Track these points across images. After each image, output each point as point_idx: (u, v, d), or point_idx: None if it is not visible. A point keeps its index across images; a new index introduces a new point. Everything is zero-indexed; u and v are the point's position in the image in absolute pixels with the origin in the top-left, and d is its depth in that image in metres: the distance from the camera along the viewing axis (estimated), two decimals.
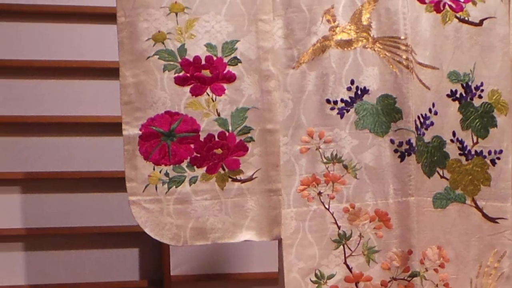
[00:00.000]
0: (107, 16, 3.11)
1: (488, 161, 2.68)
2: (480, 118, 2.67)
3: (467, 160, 2.67)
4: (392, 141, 2.58)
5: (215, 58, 2.47)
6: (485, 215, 2.67)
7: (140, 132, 2.42)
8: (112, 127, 3.14)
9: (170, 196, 2.45)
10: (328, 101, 2.54)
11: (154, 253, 3.47)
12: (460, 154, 2.67)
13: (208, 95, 2.47)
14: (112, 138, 3.18)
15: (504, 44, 2.71)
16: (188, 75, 2.45)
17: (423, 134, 2.62)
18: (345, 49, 2.56)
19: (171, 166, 2.45)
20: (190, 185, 2.46)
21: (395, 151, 2.58)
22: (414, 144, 2.58)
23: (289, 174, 2.54)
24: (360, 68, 2.57)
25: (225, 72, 2.48)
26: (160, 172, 2.44)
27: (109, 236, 3.43)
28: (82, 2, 3.43)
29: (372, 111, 2.58)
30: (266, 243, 2.68)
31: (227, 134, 2.48)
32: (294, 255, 2.53)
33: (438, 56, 2.64)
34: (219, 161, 2.48)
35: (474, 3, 2.67)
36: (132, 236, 3.37)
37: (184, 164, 2.46)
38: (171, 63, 2.44)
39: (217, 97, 2.47)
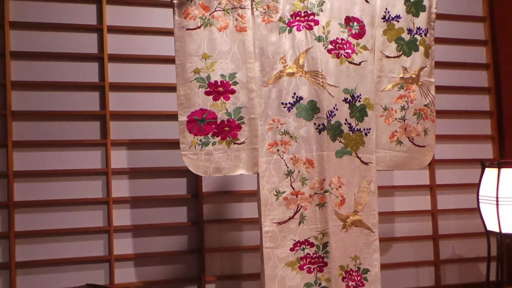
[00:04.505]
0: (170, 60, 3.10)
1: (363, 134, 2.75)
2: (359, 112, 2.74)
3: (353, 133, 2.73)
4: (315, 124, 2.65)
5: (225, 81, 2.55)
6: (362, 161, 2.75)
7: (187, 119, 2.52)
8: (173, 116, 3.03)
9: (202, 152, 2.53)
10: (282, 103, 2.63)
11: (194, 180, 3.39)
12: (349, 130, 2.73)
13: (222, 100, 2.56)
14: (174, 122, 3.07)
15: (371, 74, 2.76)
16: (211, 90, 2.53)
17: (330, 120, 2.68)
18: (291, 77, 2.63)
19: (203, 136, 2.53)
20: (212, 146, 2.55)
21: (316, 128, 2.65)
22: (326, 125, 2.65)
23: (262, 140, 2.61)
24: (298, 86, 2.63)
25: (230, 88, 2.56)
26: (197, 139, 2.53)
27: (172, 172, 3.35)
28: (160, 52, 3.35)
29: (304, 108, 2.64)
30: (251, 175, 2.73)
31: (231, 120, 2.57)
32: (265, 181, 2.61)
33: (338, 80, 2.70)
34: (227, 134, 2.57)
35: (356, 53, 2.72)
36: (182, 172, 3.32)
37: (209, 135, 2.54)
38: (203, 84, 2.53)
39: (226, 101, 2.56)
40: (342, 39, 2.73)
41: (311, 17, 2.68)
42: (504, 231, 2.87)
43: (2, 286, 3.13)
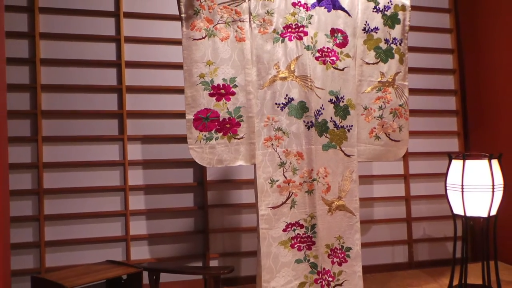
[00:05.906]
0: (179, 66, 3.02)
1: (346, 130, 2.73)
2: (342, 111, 2.72)
3: (337, 129, 2.71)
4: (304, 121, 2.63)
5: (226, 84, 2.53)
6: (345, 154, 2.73)
7: (193, 117, 2.49)
8: (181, 115, 3.15)
9: (206, 145, 2.51)
10: (276, 103, 2.61)
11: (199, 170, 3.38)
12: (334, 127, 2.70)
13: (223, 101, 2.53)
14: (182, 120, 3.19)
15: (353, 79, 2.74)
16: (214, 92, 2.51)
17: (318, 118, 2.66)
18: (283, 81, 2.61)
19: (207, 132, 2.51)
20: (215, 140, 2.52)
21: (305, 125, 2.63)
22: (314, 123, 2.64)
23: (259, 135, 2.59)
24: (290, 89, 2.61)
25: (230, 91, 2.54)
26: (202, 135, 2.51)
27: (180, 163, 3.35)
28: (170, 59, 3.37)
29: (295, 108, 2.62)
30: (249, 166, 2.66)
31: (231, 118, 2.55)
32: (261, 171, 2.58)
33: (324, 83, 2.68)
34: (228, 130, 2.55)
35: (340, 60, 2.71)
36: (189, 163, 3.32)
37: (212, 131, 2.52)
38: (207, 87, 2.51)
39: (227, 102, 2.54)
40: (328, 48, 2.72)
41: (301, 29, 2.67)
42: (468, 214, 2.88)
43: (33, 262, 3.14)
